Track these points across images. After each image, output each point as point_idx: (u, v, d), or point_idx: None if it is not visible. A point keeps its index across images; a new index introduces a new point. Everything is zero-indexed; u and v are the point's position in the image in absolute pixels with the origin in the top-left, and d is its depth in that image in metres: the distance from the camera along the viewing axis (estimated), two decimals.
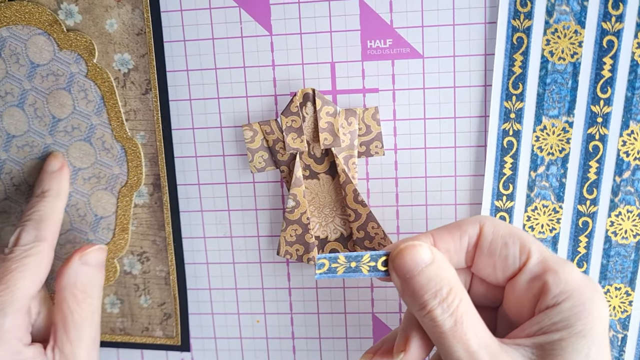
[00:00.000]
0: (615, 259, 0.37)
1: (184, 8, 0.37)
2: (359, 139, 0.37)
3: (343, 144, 0.37)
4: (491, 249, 0.30)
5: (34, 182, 0.40)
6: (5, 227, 0.41)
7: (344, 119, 0.37)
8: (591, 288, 0.28)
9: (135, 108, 0.39)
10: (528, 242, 0.29)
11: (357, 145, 0.37)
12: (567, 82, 0.36)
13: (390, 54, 0.37)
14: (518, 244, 0.29)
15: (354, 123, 0.37)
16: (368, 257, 0.30)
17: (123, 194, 0.40)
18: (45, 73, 0.39)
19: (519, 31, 0.35)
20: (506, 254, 0.29)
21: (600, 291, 0.28)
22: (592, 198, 0.37)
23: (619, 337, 0.38)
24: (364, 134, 0.37)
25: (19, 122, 0.39)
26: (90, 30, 0.38)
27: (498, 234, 0.30)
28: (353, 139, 0.37)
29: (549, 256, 0.29)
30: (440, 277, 0.28)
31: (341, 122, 0.37)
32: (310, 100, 0.37)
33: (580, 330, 0.27)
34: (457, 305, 0.27)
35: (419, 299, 0.28)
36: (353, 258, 0.30)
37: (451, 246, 0.30)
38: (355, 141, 0.37)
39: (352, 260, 0.30)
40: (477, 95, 0.37)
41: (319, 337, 0.41)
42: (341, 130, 0.37)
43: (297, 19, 0.37)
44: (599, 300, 0.27)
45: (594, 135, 0.36)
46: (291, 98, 0.37)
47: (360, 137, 0.37)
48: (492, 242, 0.30)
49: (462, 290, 0.28)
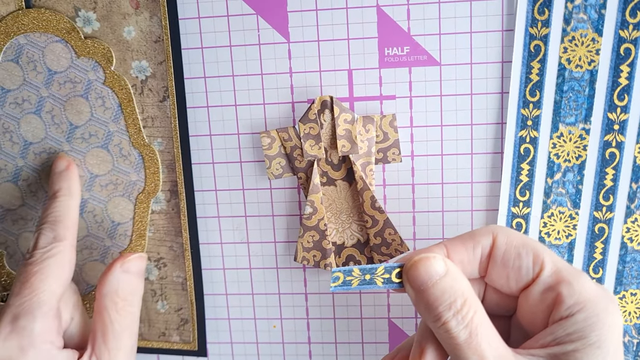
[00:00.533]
0: (631, 265, 0.38)
1: (201, 15, 0.37)
2: (376, 146, 0.38)
3: (361, 151, 0.37)
4: (504, 259, 0.30)
5: None
6: (24, 232, 0.41)
7: (362, 126, 0.37)
8: (605, 299, 0.28)
9: (152, 115, 0.39)
10: (541, 252, 0.29)
11: (374, 152, 0.37)
12: (584, 89, 0.36)
13: (408, 62, 0.37)
14: (531, 255, 0.29)
15: (371, 130, 0.37)
16: (382, 270, 0.30)
17: (140, 200, 0.40)
18: (62, 80, 0.39)
19: (537, 39, 0.35)
20: (519, 265, 0.29)
21: (615, 301, 0.28)
22: (608, 204, 0.37)
23: (634, 342, 0.39)
24: (381, 140, 0.37)
25: (36, 129, 0.40)
26: (108, 38, 0.38)
27: (511, 244, 0.30)
28: (371, 146, 0.37)
29: (563, 267, 0.29)
30: (454, 289, 0.28)
31: (359, 129, 0.37)
32: (328, 107, 0.37)
33: (595, 341, 0.27)
34: (471, 317, 0.27)
35: (433, 310, 0.28)
36: (367, 270, 0.30)
37: (464, 257, 0.30)
38: (372, 148, 0.37)
39: (366, 273, 0.30)
40: (494, 102, 0.37)
41: (335, 342, 0.41)
42: (359, 138, 0.37)
43: (315, 26, 0.37)
44: (613, 310, 0.27)
45: (611, 142, 0.36)
46: (309, 105, 0.37)
47: (378, 144, 0.38)
48: (506, 253, 0.30)
49: (476, 301, 0.28)
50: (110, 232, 0.41)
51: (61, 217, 0.36)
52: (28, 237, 0.41)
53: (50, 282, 0.33)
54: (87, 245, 0.41)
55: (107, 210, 0.40)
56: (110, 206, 0.40)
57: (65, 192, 0.37)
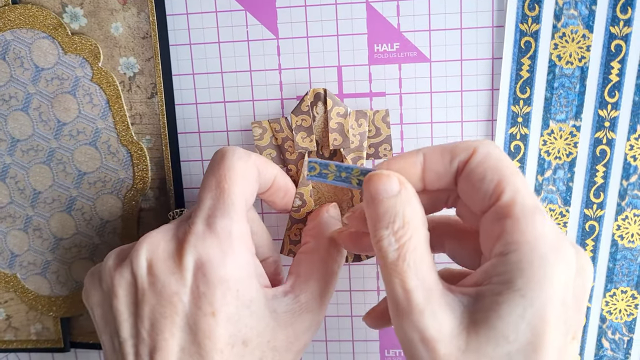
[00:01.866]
0: (621, 263, 0.37)
1: (189, 11, 0.37)
2: (368, 141, 0.37)
3: (352, 145, 0.37)
4: (470, 179, 0.28)
5: (38, 187, 0.40)
6: (11, 231, 0.41)
7: (354, 120, 0.37)
8: (551, 246, 0.25)
9: (141, 112, 0.39)
10: (507, 180, 0.27)
11: (366, 147, 0.37)
12: (575, 86, 0.36)
13: (397, 58, 0.37)
14: (496, 181, 0.27)
15: (364, 125, 0.37)
16: (358, 172, 0.30)
17: (129, 198, 0.40)
18: (49, 77, 0.38)
19: (527, 35, 0.35)
20: (480, 187, 0.27)
21: (566, 253, 0.25)
22: (598, 202, 0.37)
23: (625, 339, 0.39)
24: (373, 136, 0.37)
25: (23, 126, 0.39)
26: (96, 34, 0.38)
27: (482, 165, 0.27)
28: (362, 141, 0.37)
29: (522, 201, 0.26)
30: (397, 211, 0.27)
31: (351, 123, 0.37)
32: (322, 100, 0.37)
33: (520, 288, 0.24)
34: (405, 241, 0.26)
35: (373, 225, 0.27)
36: (344, 169, 0.30)
37: (440, 168, 0.29)
38: (364, 143, 0.37)
39: (342, 171, 0.30)
40: (484, 99, 0.37)
41: (326, 340, 0.41)
42: (351, 132, 0.37)
43: (304, 22, 0.37)
44: (555, 261, 0.25)
45: (601, 139, 0.36)
46: (302, 97, 0.37)
47: (370, 139, 0.37)
48: (472, 173, 0.28)
49: (418, 230, 0.27)
50: (99, 230, 0.40)
51: None
52: (16, 235, 0.41)
53: (241, 187, 0.30)
54: (76, 243, 0.41)
55: (95, 207, 0.40)
56: (99, 204, 0.40)
57: None
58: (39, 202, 0.40)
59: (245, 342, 0.29)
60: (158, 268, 0.29)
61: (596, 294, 0.38)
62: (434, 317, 0.25)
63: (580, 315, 0.26)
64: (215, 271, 0.28)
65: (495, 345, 0.24)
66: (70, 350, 0.43)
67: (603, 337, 0.39)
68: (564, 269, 0.25)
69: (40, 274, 0.41)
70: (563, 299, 0.25)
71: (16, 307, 0.42)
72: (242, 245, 0.29)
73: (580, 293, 0.26)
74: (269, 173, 0.33)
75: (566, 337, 0.25)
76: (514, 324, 0.24)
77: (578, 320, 0.26)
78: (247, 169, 0.31)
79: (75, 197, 0.40)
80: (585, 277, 0.26)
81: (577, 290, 0.26)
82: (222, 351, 0.28)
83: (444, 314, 0.25)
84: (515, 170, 0.27)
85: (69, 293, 0.42)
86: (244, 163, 0.31)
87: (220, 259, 0.28)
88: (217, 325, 0.28)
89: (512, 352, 0.24)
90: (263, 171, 0.32)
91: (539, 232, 0.25)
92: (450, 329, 0.25)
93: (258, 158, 0.32)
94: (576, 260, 0.26)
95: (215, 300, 0.28)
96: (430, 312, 0.25)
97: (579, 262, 0.26)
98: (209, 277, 0.28)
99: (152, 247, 0.29)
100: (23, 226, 0.41)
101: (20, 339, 0.43)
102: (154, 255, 0.29)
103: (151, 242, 0.29)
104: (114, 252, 0.31)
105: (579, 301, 0.26)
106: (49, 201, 0.40)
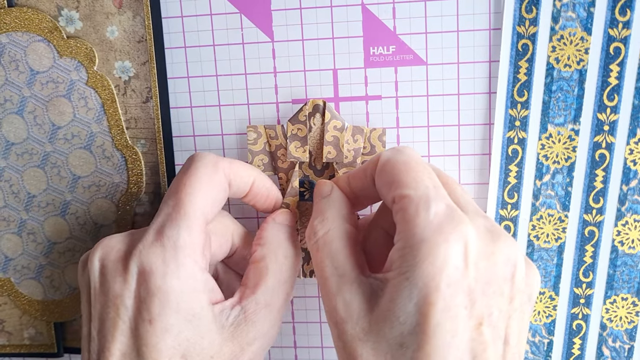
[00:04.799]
0: (622, 269, 0.37)
1: (184, 14, 0.37)
2: (362, 157, 0.37)
3: (345, 160, 0.36)
4: (377, 186, 0.31)
5: (33, 190, 0.39)
6: (5, 234, 0.41)
7: (350, 135, 0.36)
8: (434, 230, 0.26)
9: (135, 116, 0.38)
10: (397, 180, 0.29)
11: (359, 163, 0.37)
12: (573, 89, 0.35)
13: (394, 61, 0.36)
14: (389, 183, 0.29)
15: (359, 141, 0.36)
16: None
17: (123, 202, 0.39)
18: (45, 80, 0.38)
19: (524, 38, 0.35)
20: (381, 192, 0.30)
21: (451, 237, 0.26)
22: (598, 207, 0.36)
23: (626, 347, 0.38)
24: (368, 152, 0.37)
25: (18, 129, 0.39)
26: (91, 37, 0.38)
27: (381, 171, 0.30)
28: (357, 156, 0.36)
29: (410, 195, 0.28)
30: (321, 209, 0.32)
31: (347, 137, 0.36)
32: (320, 111, 0.36)
33: (405, 271, 0.26)
34: (321, 234, 0.30)
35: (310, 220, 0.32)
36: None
37: (361, 183, 0.32)
38: (358, 159, 0.37)
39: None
40: (482, 102, 0.36)
41: (322, 347, 0.41)
42: (346, 146, 0.36)
43: (299, 25, 0.36)
44: (436, 244, 0.26)
45: (601, 143, 0.35)
46: (301, 107, 0.36)
47: (364, 155, 0.37)
48: (377, 180, 0.30)
49: (336, 223, 0.31)
50: (93, 235, 0.40)
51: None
52: (9, 239, 0.41)
53: (199, 198, 0.30)
54: (70, 247, 0.40)
55: (89, 212, 0.40)
56: (93, 208, 0.40)
57: None
58: (33, 206, 0.40)
59: (184, 356, 0.29)
60: (107, 269, 0.30)
61: (596, 301, 0.38)
62: (343, 300, 0.28)
63: (493, 301, 0.26)
64: (155, 281, 0.29)
65: (390, 326, 0.26)
66: (63, 355, 0.43)
67: (603, 344, 0.38)
68: (447, 250, 0.26)
69: (34, 278, 0.41)
70: (450, 281, 0.25)
71: (10, 312, 0.42)
72: (187, 258, 0.29)
73: (493, 278, 0.26)
74: (244, 178, 0.33)
75: (469, 321, 0.26)
76: (402, 305, 0.26)
77: (487, 305, 0.26)
78: (210, 177, 0.31)
79: (70, 201, 0.40)
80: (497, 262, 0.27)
81: (487, 274, 0.26)
82: None
83: (353, 297, 0.28)
84: (411, 167, 0.29)
85: (63, 297, 0.41)
86: (209, 170, 0.31)
87: (162, 269, 0.29)
88: (155, 334, 0.28)
89: (404, 333, 0.26)
90: (236, 177, 0.33)
91: (421, 219, 0.26)
92: (357, 312, 0.28)
93: (230, 164, 0.32)
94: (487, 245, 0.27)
95: (153, 308, 0.28)
96: (340, 297, 0.28)
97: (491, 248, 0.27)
98: (149, 286, 0.29)
99: (106, 250, 0.30)
100: (17, 230, 0.40)
101: (14, 344, 0.43)
102: (106, 257, 0.30)
103: (107, 245, 0.31)
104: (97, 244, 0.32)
105: (491, 286, 0.26)
106: (43, 205, 0.40)
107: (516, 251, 0.28)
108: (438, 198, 0.27)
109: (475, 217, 0.28)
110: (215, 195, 0.31)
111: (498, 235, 0.28)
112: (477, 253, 0.26)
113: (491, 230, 0.28)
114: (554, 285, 0.38)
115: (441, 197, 0.27)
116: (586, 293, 0.37)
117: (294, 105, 0.37)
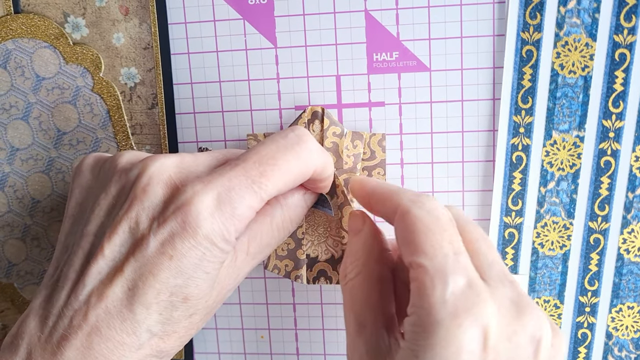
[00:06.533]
0: (627, 277, 0.36)
1: (188, 20, 0.37)
2: (362, 163, 0.37)
3: (345, 166, 0.36)
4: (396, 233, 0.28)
5: (37, 196, 0.40)
6: (9, 240, 0.41)
7: (350, 141, 0.36)
8: (449, 312, 0.24)
9: (141, 122, 0.39)
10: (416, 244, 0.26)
11: (359, 169, 0.37)
12: (578, 95, 0.35)
13: (397, 67, 0.36)
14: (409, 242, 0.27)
15: (359, 146, 0.36)
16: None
17: None
18: (50, 86, 0.38)
19: (529, 44, 0.35)
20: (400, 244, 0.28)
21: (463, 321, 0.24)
22: (603, 215, 0.36)
23: (632, 357, 0.37)
24: (368, 158, 0.37)
25: (23, 135, 0.39)
26: (97, 44, 0.38)
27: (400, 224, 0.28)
28: (356, 162, 0.36)
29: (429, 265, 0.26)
30: (354, 249, 0.31)
31: (346, 144, 0.36)
32: (319, 118, 0.36)
33: (415, 350, 0.25)
34: (350, 278, 0.30)
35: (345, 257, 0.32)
36: None
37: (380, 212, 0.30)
38: (358, 165, 0.36)
39: None
40: (486, 109, 0.36)
41: (324, 354, 0.40)
42: (345, 152, 0.36)
43: (302, 31, 0.36)
44: (450, 328, 0.24)
45: (606, 150, 0.35)
46: (300, 114, 0.36)
47: (364, 161, 0.37)
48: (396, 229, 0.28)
49: (366, 267, 0.30)
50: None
51: None
52: (13, 244, 0.41)
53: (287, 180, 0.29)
54: None
55: None
56: None
57: None
58: (38, 212, 0.40)
59: (186, 298, 0.27)
60: (151, 188, 0.27)
61: (602, 310, 0.37)
62: (359, 351, 0.28)
63: None
64: (197, 221, 0.26)
65: None
66: None
67: (609, 354, 0.37)
68: (462, 336, 0.24)
69: (37, 283, 0.41)
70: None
71: (12, 317, 0.42)
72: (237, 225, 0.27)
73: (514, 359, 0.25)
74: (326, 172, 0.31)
75: None
76: None
77: None
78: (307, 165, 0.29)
79: None
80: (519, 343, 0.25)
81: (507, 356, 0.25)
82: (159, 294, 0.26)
83: (368, 351, 0.28)
84: (430, 229, 0.26)
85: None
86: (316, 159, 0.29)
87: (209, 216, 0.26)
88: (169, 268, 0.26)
89: None
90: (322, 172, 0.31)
91: (437, 298, 0.25)
92: None
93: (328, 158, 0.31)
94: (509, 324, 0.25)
95: (183, 247, 0.26)
96: (357, 347, 0.28)
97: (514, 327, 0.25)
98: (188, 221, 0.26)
99: (160, 171, 0.28)
100: (21, 235, 0.41)
101: None
102: (154, 176, 0.28)
103: (162, 165, 0.28)
104: (129, 153, 0.30)
105: None
106: (47, 210, 0.40)
107: (541, 325, 0.26)
108: (457, 271, 0.25)
109: (499, 286, 0.26)
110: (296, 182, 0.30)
111: (523, 308, 0.26)
112: (498, 335, 0.25)
113: (516, 303, 0.26)
114: (558, 294, 0.37)
115: (461, 269, 0.25)
116: (591, 301, 0.37)
117: (297, 111, 0.37)
